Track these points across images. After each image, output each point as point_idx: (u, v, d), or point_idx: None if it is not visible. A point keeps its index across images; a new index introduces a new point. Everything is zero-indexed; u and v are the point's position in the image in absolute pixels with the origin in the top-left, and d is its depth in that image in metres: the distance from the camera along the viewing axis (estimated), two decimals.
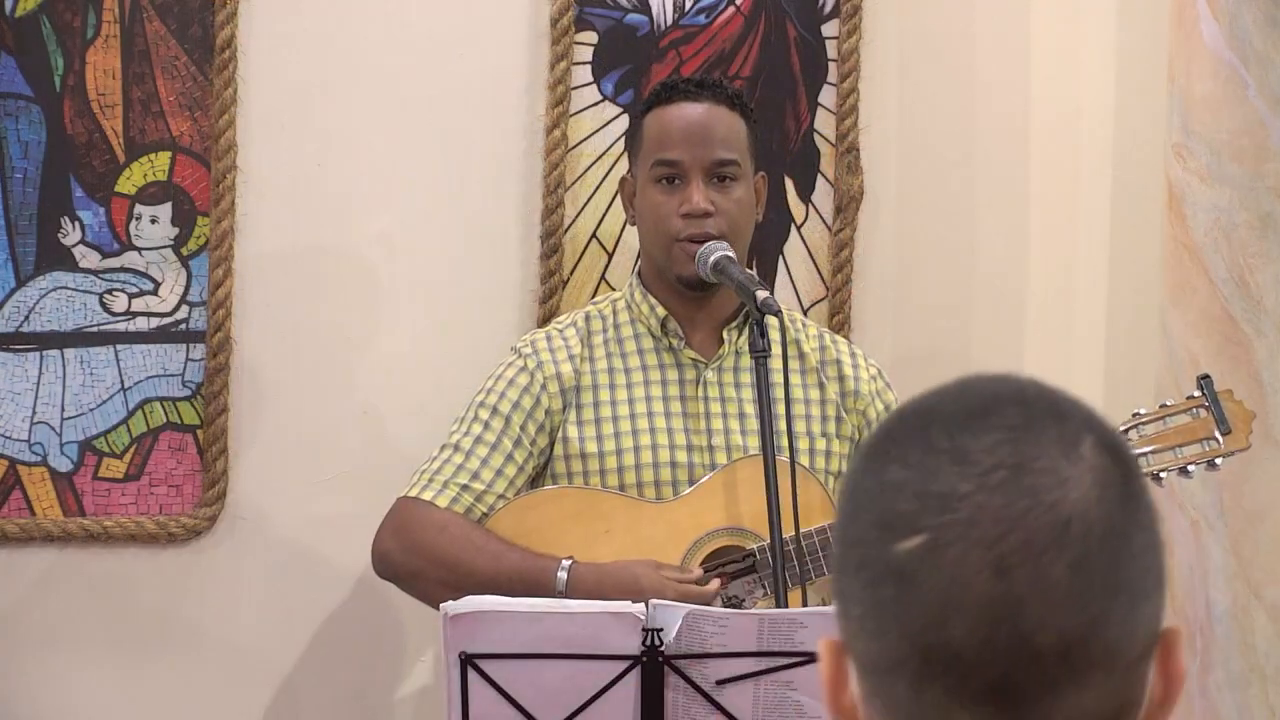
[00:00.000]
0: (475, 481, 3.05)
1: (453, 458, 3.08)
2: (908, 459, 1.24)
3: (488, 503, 3.05)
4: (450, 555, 2.98)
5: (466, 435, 3.09)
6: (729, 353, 3.12)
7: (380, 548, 3.07)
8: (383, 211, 3.54)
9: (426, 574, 3.00)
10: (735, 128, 3.12)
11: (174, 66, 3.43)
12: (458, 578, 2.94)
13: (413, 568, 3.04)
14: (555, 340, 3.15)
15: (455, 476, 3.06)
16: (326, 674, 3.54)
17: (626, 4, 3.60)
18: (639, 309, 3.16)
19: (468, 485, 3.05)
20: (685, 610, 2.52)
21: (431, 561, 3.00)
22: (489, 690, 2.53)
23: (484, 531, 3.01)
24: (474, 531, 3.01)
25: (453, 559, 2.98)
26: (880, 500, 1.24)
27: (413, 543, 3.03)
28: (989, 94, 3.78)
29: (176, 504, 3.47)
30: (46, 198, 3.40)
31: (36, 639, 3.44)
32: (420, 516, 3.04)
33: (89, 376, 3.43)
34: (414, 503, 3.06)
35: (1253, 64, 3.42)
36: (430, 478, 3.07)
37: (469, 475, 3.06)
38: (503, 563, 2.94)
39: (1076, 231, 3.82)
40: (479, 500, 3.05)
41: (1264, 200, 3.43)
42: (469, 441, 3.08)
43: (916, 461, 1.24)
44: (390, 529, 3.07)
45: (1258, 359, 3.42)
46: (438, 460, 3.08)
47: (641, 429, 3.09)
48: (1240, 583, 3.44)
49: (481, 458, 3.07)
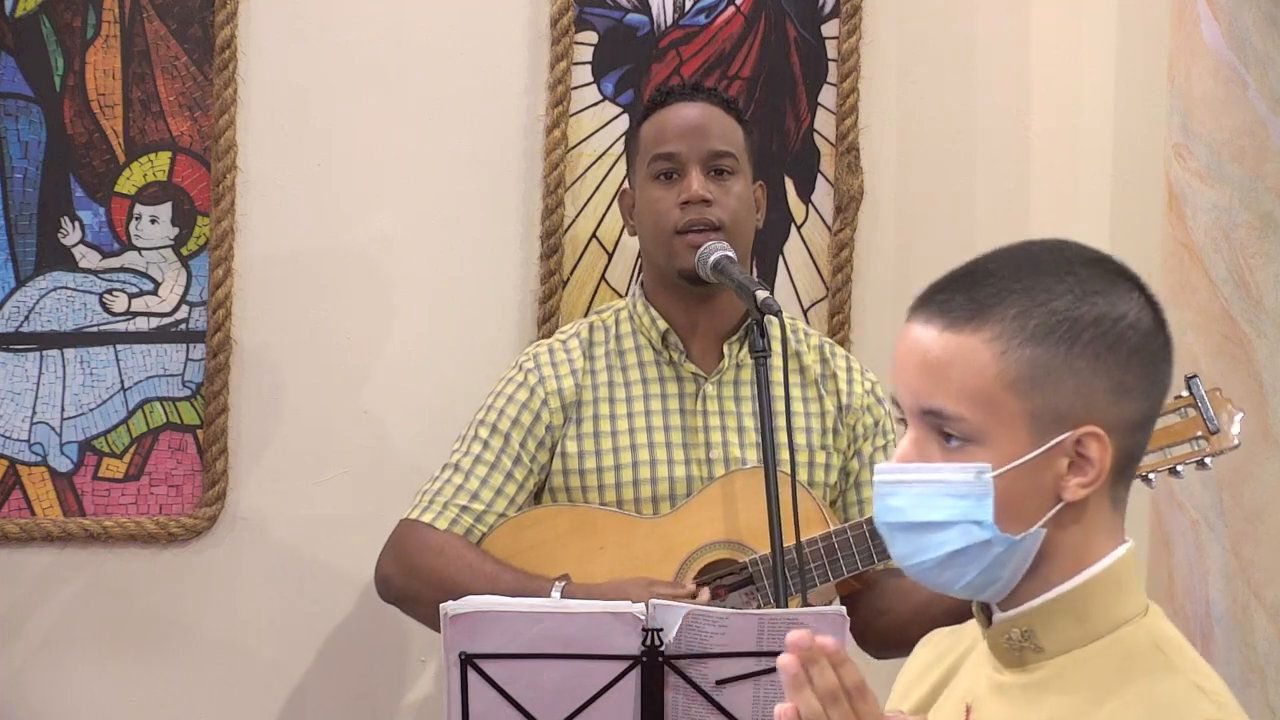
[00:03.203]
0: (475, 502, 3.06)
1: (453, 478, 3.08)
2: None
3: (488, 522, 3.06)
4: (447, 578, 2.99)
5: (466, 455, 3.10)
6: (729, 366, 3.13)
7: (381, 572, 3.09)
8: (383, 211, 3.54)
9: (424, 597, 2.99)
10: (731, 127, 3.13)
11: (174, 66, 3.43)
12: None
13: (411, 591, 3.04)
14: (558, 354, 3.15)
15: (455, 498, 3.07)
16: (326, 674, 3.54)
17: (626, 4, 3.60)
18: (640, 320, 3.16)
19: (467, 506, 3.06)
20: (685, 610, 2.52)
21: (429, 585, 3.00)
22: (489, 690, 2.53)
23: (480, 553, 3.02)
24: (470, 554, 3.01)
25: (449, 582, 2.97)
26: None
27: (411, 567, 3.04)
28: (989, 94, 3.78)
29: (176, 504, 3.47)
30: (46, 198, 3.40)
31: (36, 639, 3.44)
32: (419, 540, 3.05)
33: (89, 376, 3.43)
34: (414, 526, 3.07)
35: (1253, 64, 3.42)
36: (431, 499, 3.08)
37: (468, 496, 3.06)
38: (498, 585, 2.94)
39: (1076, 231, 3.79)
40: (479, 520, 3.06)
41: (1264, 200, 3.43)
42: (469, 461, 3.09)
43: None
44: (391, 554, 3.08)
45: (1258, 359, 3.42)
46: (438, 481, 3.09)
47: (640, 443, 3.09)
48: (1240, 583, 3.44)
49: (481, 477, 3.07)
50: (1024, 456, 1.71)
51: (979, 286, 1.75)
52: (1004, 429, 1.71)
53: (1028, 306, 1.72)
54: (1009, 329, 1.71)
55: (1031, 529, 1.72)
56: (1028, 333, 1.71)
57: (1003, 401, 1.71)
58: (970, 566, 1.73)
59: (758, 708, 2.55)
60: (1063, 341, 1.71)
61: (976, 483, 1.71)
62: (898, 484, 1.75)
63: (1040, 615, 1.75)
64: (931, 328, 1.76)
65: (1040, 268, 1.74)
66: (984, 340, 1.72)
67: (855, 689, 1.70)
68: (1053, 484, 1.72)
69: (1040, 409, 1.71)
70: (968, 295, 1.75)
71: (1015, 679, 1.77)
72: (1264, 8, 3.40)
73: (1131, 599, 1.77)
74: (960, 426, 1.71)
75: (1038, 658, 1.76)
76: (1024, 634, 1.76)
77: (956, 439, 1.72)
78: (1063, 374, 1.71)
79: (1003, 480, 1.71)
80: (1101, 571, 1.75)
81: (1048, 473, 1.72)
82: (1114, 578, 1.75)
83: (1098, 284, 1.74)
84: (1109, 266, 1.77)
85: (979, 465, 1.71)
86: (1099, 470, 1.72)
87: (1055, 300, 1.72)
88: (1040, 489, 1.72)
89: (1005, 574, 1.74)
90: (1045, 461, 1.71)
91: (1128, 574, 1.77)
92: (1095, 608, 1.75)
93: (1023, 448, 1.71)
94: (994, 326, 1.72)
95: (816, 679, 1.70)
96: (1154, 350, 1.77)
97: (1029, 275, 1.74)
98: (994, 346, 1.71)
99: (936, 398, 1.73)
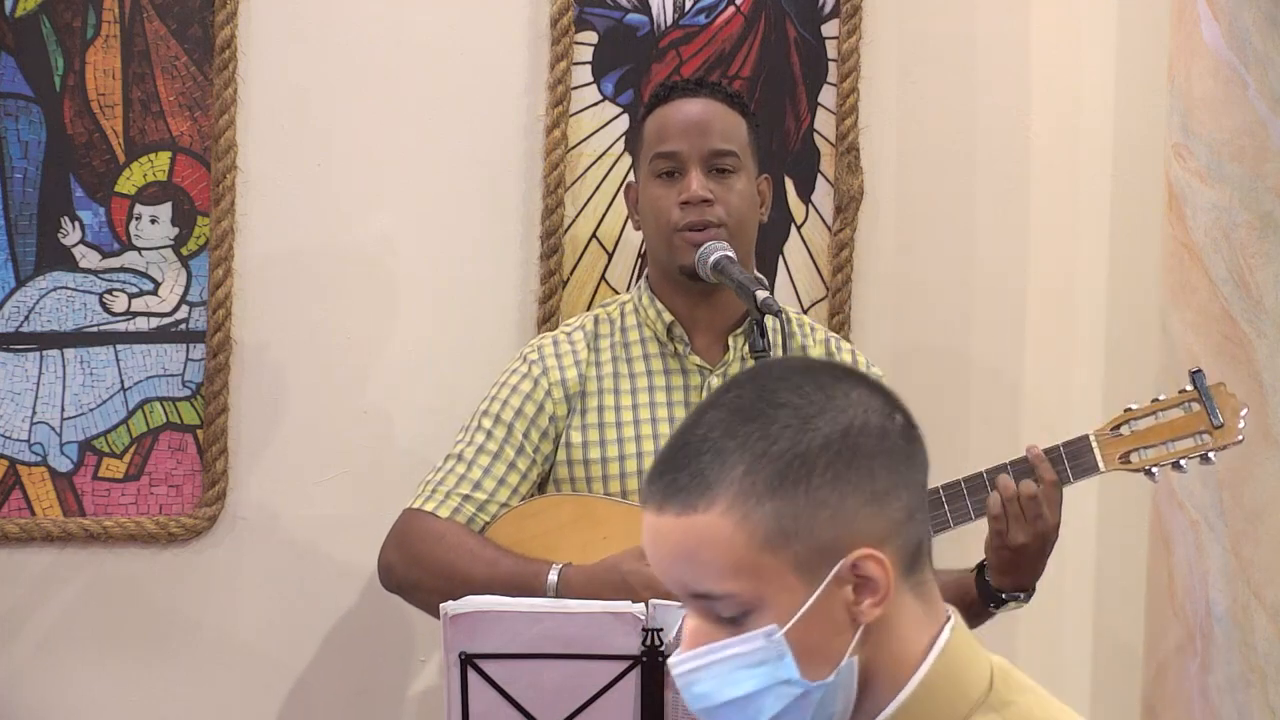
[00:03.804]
0: (477, 491, 3.06)
1: (455, 468, 3.08)
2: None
3: (490, 512, 3.05)
4: (446, 564, 2.99)
5: (469, 445, 3.09)
6: (734, 359, 3.13)
7: (384, 561, 3.09)
8: (383, 211, 3.54)
9: (425, 584, 3.00)
10: (734, 123, 3.13)
11: (174, 66, 3.43)
12: (454, 586, 2.94)
13: (412, 578, 3.04)
14: (562, 345, 3.15)
15: (457, 487, 3.06)
16: (326, 674, 3.54)
17: (626, 4, 3.60)
18: (646, 313, 3.16)
19: (470, 495, 3.05)
20: (685, 610, 2.52)
21: (429, 571, 3.00)
22: (489, 690, 2.53)
23: (481, 540, 3.01)
24: (471, 540, 3.01)
25: (449, 567, 2.98)
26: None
27: (413, 554, 3.04)
28: (989, 94, 3.78)
29: (176, 504, 3.47)
30: (46, 198, 3.40)
31: (36, 639, 3.44)
32: (420, 528, 3.04)
33: (89, 376, 3.43)
34: (416, 514, 3.06)
35: (1253, 64, 3.42)
36: (433, 489, 3.07)
37: (471, 485, 3.06)
38: (497, 569, 2.94)
39: (1076, 231, 3.82)
40: (481, 510, 3.05)
41: (1264, 200, 3.43)
42: (471, 451, 3.09)
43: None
44: (393, 542, 3.08)
45: (1258, 359, 3.42)
46: (441, 471, 3.09)
47: (645, 435, 3.09)
48: (1240, 583, 3.43)
49: (484, 467, 3.07)
50: (805, 605, 1.65)
51: (697, 458, 1.67)
52: (776, 587, 1.65)
53: (752, 461, 1.65)
54: (741, 492, 1.65)
55: (842, 663, 1.67)
56: (760, 488, 1.64)
57: (764, 563, 1.65)
58: (802, 718, 1.68)
59: None
60: (799, 482, 1.64)
61: (769, 645, 1.66)
62: (696, 671, 1.70)
63: None
64: (666, 515, 1.68)
65: (749, 415, 1.67)
66: (720, 514, 1.65)
67: None
68: (846, 614, 1.66)
69: (803, 555, 1.64)
70: (689, 472, 1.67)
71: None
72: (1264, 8, 3.40)
73: (971, 674, 1.71)
74: (732, 604, 1.66)
75: None
76: None
77: (734, 615, 1.67)
78: (812, 512, 1.64)
79: (794, 633, 1.65)
80: (933, 667, 1.69)
81: (836, 605, 1.66)
82: (946, 666, 1.70)
83: (812, 404, 1.67)
84: (819, 376, 1.70)
85: (766, 629, 1.66)
86: (885, 586, 1.66)
87: (776, 443, 1.65)
88: (835, 624, 1.66)
89: (837, 710, 1.69)
90: (828, 598, 1.65)
91: (959, 652, 1.71)
92: (940, 701, 1.69)
93: (801, 596, 1.65)
94: (725, 496, 1.65)
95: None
96: (892, 443, 1.68)
97: (741, 426, 1.66)
98: (732, 516, 1.64)
99: (701, 583, 1.67)
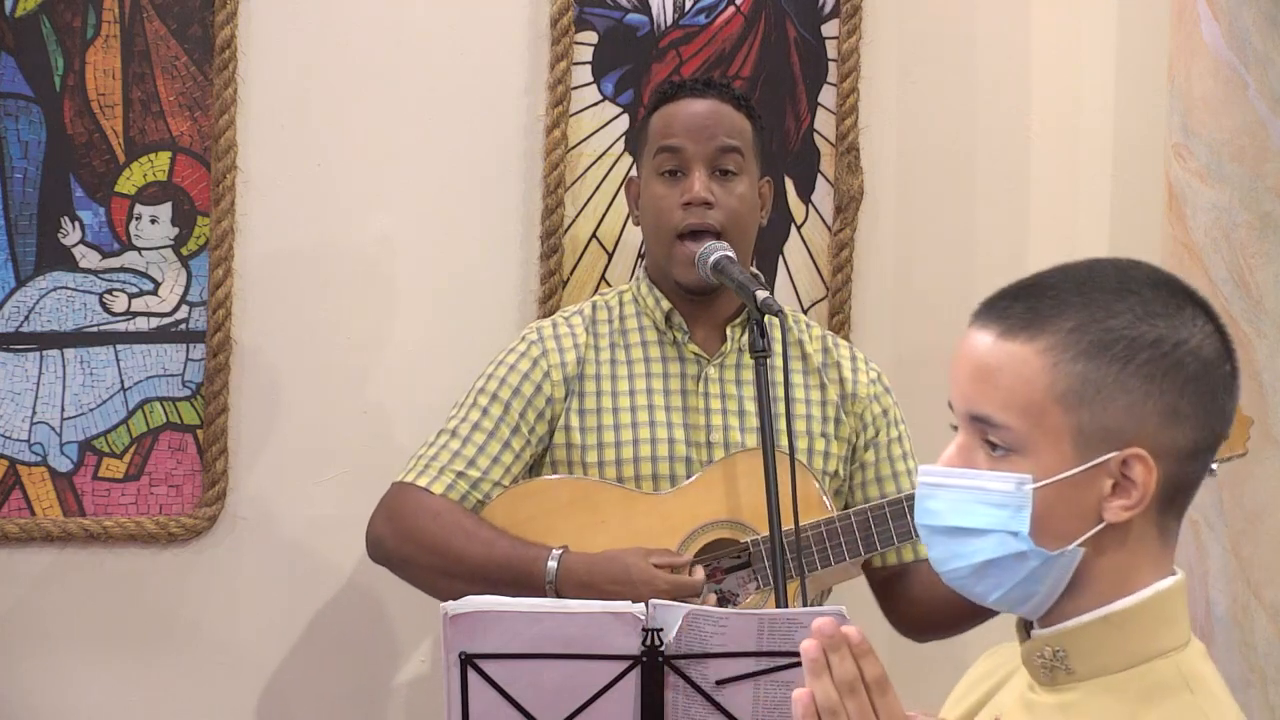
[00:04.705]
0: (471, 468, 3.05)
1: (450, 444, 3.07)
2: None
3: (483, 490, 3.05)
4: (441, 542, 2.98)
5: (465, 421, 3.09)
6: (731, 350, 3.13)
7: (374, 533, 3.07)
8: (383, 211, 3.54)
9: (418, 560, 3.00)
10: (739, 124, 3.12)
11: (174, 66, 3.43)
12: (448, 564, 2.94)
13: (404, 554, 3.03)
14: (561, 328, 3.15)
15: (451, 463, 3.05)
16: (326, 673, 3.54)
17: (626, 4, 3.60)
18: (644, 301, 3.16)
19: (464, 472, 3.05)
20: (685, 610, 2.52)
21: (423, 548, 3.00)
22: (489, 690, 2.53)
23: (476, 519, 3.01)
24: (466, 519, 3.00)
25: (444, 545, 2.98)
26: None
27: (406, 529, 3.03)
28: (989, 94, 3.78)
29: (176, 504, 3.47)
30: (46, 198, 3.40)
31: (36, 639, 3.45)
32: (414, 502, 3.03)
33: (89, 376, 3.43)
34: (409, 488, 3.05)
35: (1253, 64, 3.42)
36: (427, 463, 3.07)
37: (465, 462, 3.05)
38: (494, 550, 2.94)
39: (1076, 231, 3.82)
40: (475, 487, 3.05)
41: (1264, 200, 3.43)
42: (466, 428, 3.08)
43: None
44: (384, 514, 3.06)
45: (1258, 359, 3.42)
46: (434, 446, 3.08)
47: (641, 421, 3.09)
48: (1240, 583, 3.44)
49: (479, 444, 3.06)
50: (1067, 471, 1.69)
51: (1039, 297, 1.73)
52: (1049, 442, 1.69)
53: (1085, 321, 1.70)
54: (1063, 341, 1.70)
55: (1069, 546, 1.71)
56: (1081, 347, 1.70)
57: (1050, 414, 1.69)
58: (1005, 578, 1.72)
59: (758, 708, 2.54)
60: (1117, 360, 1.69)
61: (1016, 493, 1.70)
62: (937, 487, 1.75)
63: (1073, 637, 1.74)
64: (987, 334, 1.74)
65: (1103, 285, 1.73)
66: (1037, 350, 1.70)
67: (875, 682, 1.70)
68: (1095, 504, 1.70)
69: (1087, 425, 1.69)
70: (1026, 304, 1.73)
71: (1046, 698, 1.76)
72: (1264, 8, 3.40)
73: (1171, 632, 1.75)
74: (1005, 435, 1.70)
75: (1069, 679, 1.75)
76: (1056, 654, 1.74)
77: (1001, 448, 1.71)
78: (1114, 392, 1.69)
79: (1043, 494, 1.69)
80: (1141, 601, 1.73)
81: (1090, 492, 1.70)
82: (1154, 609, 1.74)
83: (1161, 306, 1.72)
84: (1177, 291, 1.75)
85: (1020, 476, 1.70)
86: (1143, 494, 1.70)
87: (1114, 318, 1.70)
88: (1081, 507, 1.70)
89: (1041, 590, 1.73)
90: (1088, 479, 1.70)
91: (1171, 607, 1.75)
92: (1131, 636, 1.73)
93: (1066, 463, 1.69)
94: (1048, 337, 1.71)
95: (836, 667, 1.69)
96: (1214, 380, 1.73)
97: (1091, 290, 1.72)
98: (1046, 358, 1.70)
99: (985, 404, 1.71)
